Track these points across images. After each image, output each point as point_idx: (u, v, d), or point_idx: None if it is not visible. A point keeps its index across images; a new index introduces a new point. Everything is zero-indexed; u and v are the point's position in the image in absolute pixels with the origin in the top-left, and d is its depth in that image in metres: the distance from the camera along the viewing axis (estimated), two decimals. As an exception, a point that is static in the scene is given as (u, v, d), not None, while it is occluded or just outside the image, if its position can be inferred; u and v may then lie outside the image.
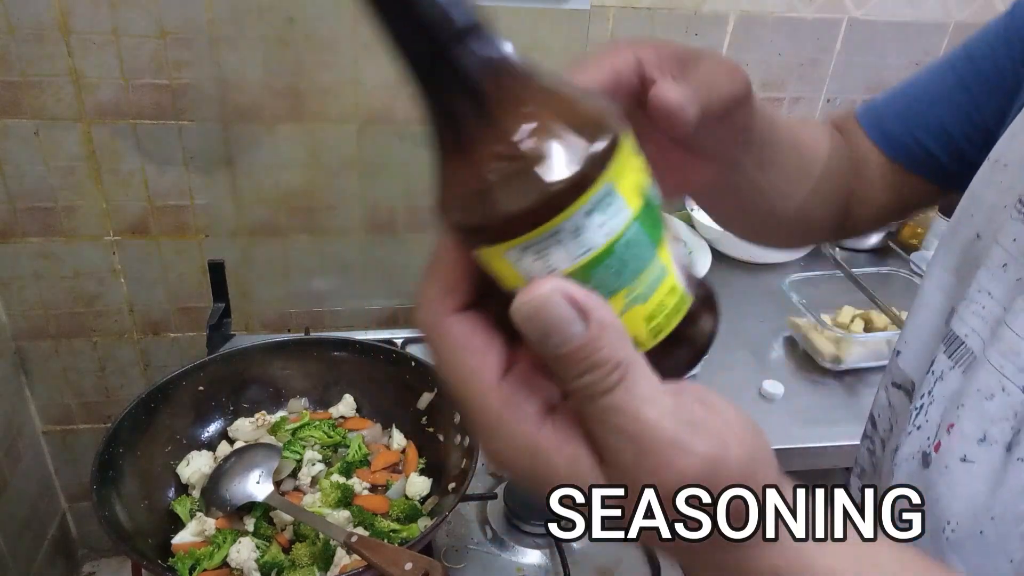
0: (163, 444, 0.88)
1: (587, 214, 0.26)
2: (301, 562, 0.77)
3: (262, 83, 1.31)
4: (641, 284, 0.28)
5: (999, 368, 0.47)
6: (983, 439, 0.47)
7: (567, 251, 0.26)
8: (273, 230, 1.45)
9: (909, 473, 0.52)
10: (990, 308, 0.49)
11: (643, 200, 0.28)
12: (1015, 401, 0.46)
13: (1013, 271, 0.47)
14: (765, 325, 1.33)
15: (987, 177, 0.51)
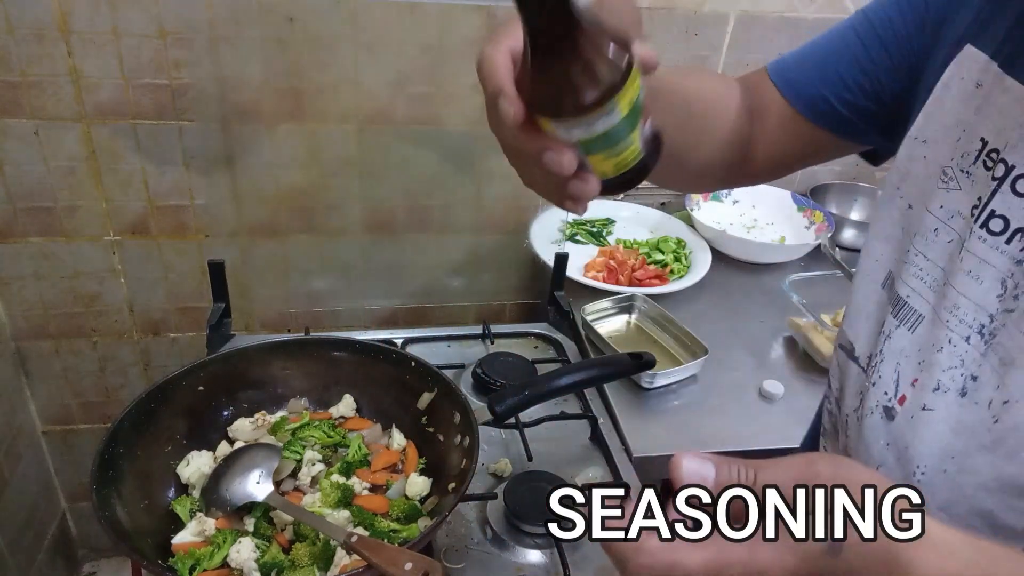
0: (163, 444, 0.88)
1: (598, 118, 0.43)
2: (301, 562, 0.77)
3: (262, 83, 1.31)
4: (616, 149, 0.47)
5: (945, 323, 0.52)
6: (937, 388, 0.52)
7: (582, 131, 0.44)
8: (273, 230, 1.45)
9: (873, 426, 0.58)
10: (927, 269, 0.54)
11: (631, 107, 0.45)
12: (961, 351, 0.51)
13: (944, 234, 0.53)
14: (765, 325, 1.33)
15: (910, 152, 0.56)
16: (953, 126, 0.53)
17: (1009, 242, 0.48)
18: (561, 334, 1.27)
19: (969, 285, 0.50)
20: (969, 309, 0.51)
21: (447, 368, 1.12)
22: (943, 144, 0.54)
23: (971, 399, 0.50)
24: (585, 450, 1.04)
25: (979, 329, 0.50)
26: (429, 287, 1.58)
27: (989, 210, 0.49)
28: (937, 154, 0.54)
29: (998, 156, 0.50)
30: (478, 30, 1.34)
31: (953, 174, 0.53)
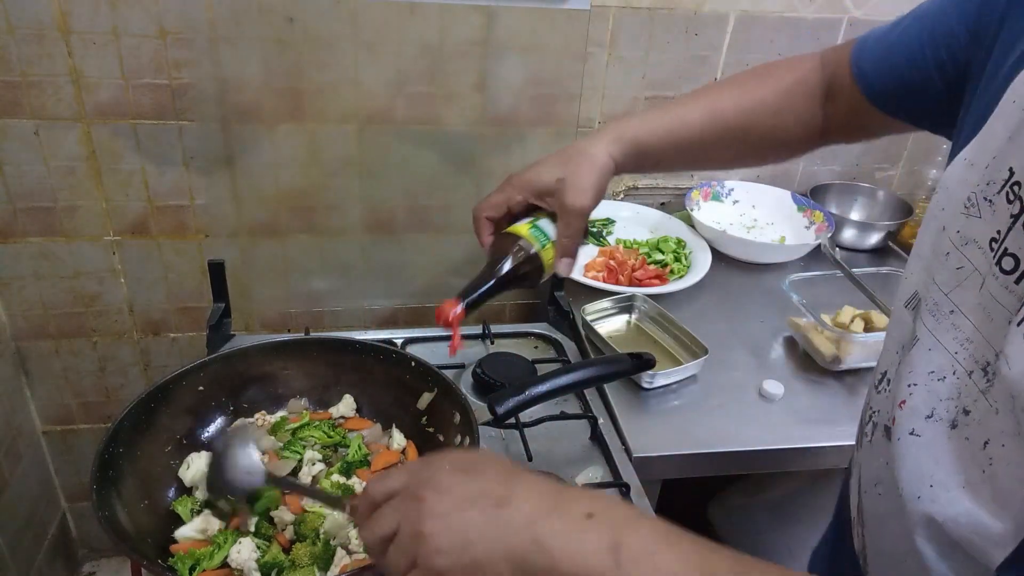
0: (163, 444, 0.88)
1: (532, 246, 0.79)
2: (301, 562, 0.77)
3: (262, 83, 1.31)
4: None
5: (953, 354, 0.51)
6: (930, 415, 0.52)
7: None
8: (273, 230, 1.45)
9: (877, 443, 0.59)
10: (933, 293, 0.54)
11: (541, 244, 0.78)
12: (961, 384, 0.50)
13: (954, 260, 0.52)
14: (765, 325, 1.33)
15: (960, 175, 0.54)
16: (989, 150, 0.52)
17: (1019, 282, 0.46)
18: (561, 334, 1.27)
19: (985, 322, 0.49)
20: (980, 345, 0.49)
21: (447, 368, 1.12)
22: (977, 168, 0.52)
23: (960, 433, 0.49)
24: (585, 450, 1.04)
25: (984, 366, 0.49)
26: (429, 287, 1.58)
27: (1003, 247, 0.48)
28: (970, 177, 0.53)
29: (1019, 189, 0.48)
30: (478, 30, 1.34)
31: (976, 201, 0.51)
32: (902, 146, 1.73)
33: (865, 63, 0.73)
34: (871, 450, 0.60)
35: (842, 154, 1.71)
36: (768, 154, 0.87)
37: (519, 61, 1.38)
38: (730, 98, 0.80)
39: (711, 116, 0.80)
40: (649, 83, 1.52)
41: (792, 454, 1.08)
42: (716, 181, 1.65)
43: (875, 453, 0.59)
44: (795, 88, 0.80)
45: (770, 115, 0.80)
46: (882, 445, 0.58)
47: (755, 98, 0.80)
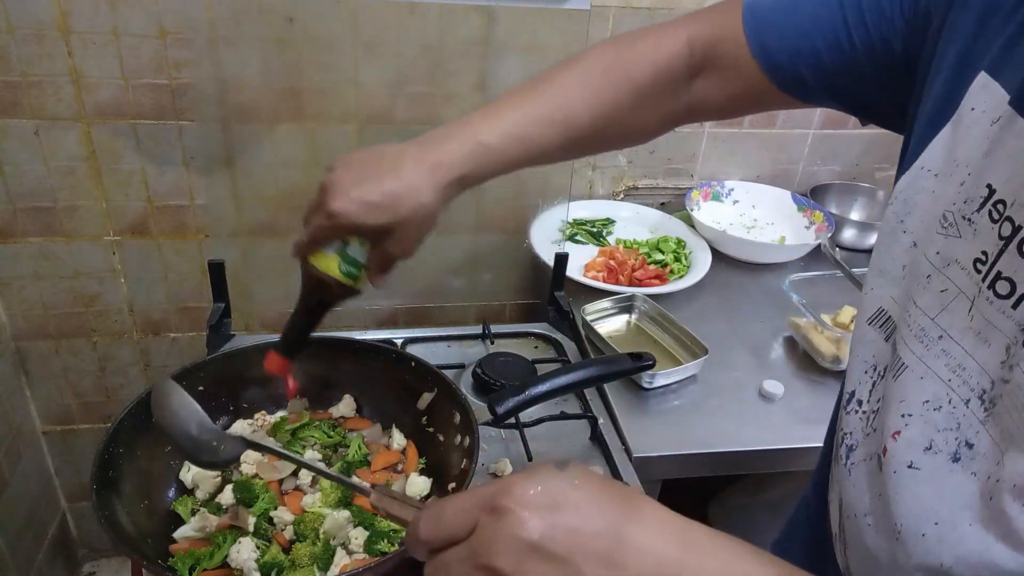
0: (163, 444, 0.88)
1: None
2: (301, 562, 0.77)
3: (262, 83, 1.31)
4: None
5: (947, 381, 0.48)
6: (929, 448, 0.49)
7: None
8: (273, 230, 1.45)
9: (869, 472, 0.55)
10: (916, 317, 0.51)
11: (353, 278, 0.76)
12: (959, 413, 0.47)
13: (937, 282, 0.49)
14: (765, 325, 1.33)
15: (917, 183, 0.52)
16: (962, 164, 0.48)
17: (1016, 307, 0.44)
18: (561, 334, 1.27)
19: (978, 347, 0.46)
20: (974, 372, 0.47)
21: (447, 368, 1.12)
22: (949, 183, 0.49)
23: (965, 467, 0.47)
24: (585, 450, 1.04)
25: (980, 394, 0.46)
26: (429, 287, 1.58)
27: (996, 271, 0.45)
28: (943, 192, 0.50)
29: (1004, 210, 0.45)
30: (478, 30, 1.34)
31: (954, 219, 0.48)
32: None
33: (769, 37, 0.64)
34: (852, 476, 0.57)
35: (842, 154, 1.71)
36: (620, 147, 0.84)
37: (519, 61, 1.38)
38: (583, 103, 0.72)
39: (564, 128, 0.72)
40: (649, 83, 1.51)
41: (792, 454, 1.08)
42: (716, 181, 1.65)
43: (859, 481, 0.56)
44: (656, 82, 0.71)
45: (627, 116, 0.73)
46: (872, 475, 0.54)
47: (611, 102, 0.72)
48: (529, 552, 0.38)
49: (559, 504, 0.39)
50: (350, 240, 0.73)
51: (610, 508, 0.40)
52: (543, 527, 0.38)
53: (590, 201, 1.62)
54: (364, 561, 0.78)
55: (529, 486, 0.40)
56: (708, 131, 1.61)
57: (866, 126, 0.70)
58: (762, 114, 1.61)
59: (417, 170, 0.68)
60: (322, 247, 0.73)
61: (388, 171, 0.68)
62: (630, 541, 0.39)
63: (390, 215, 0.68)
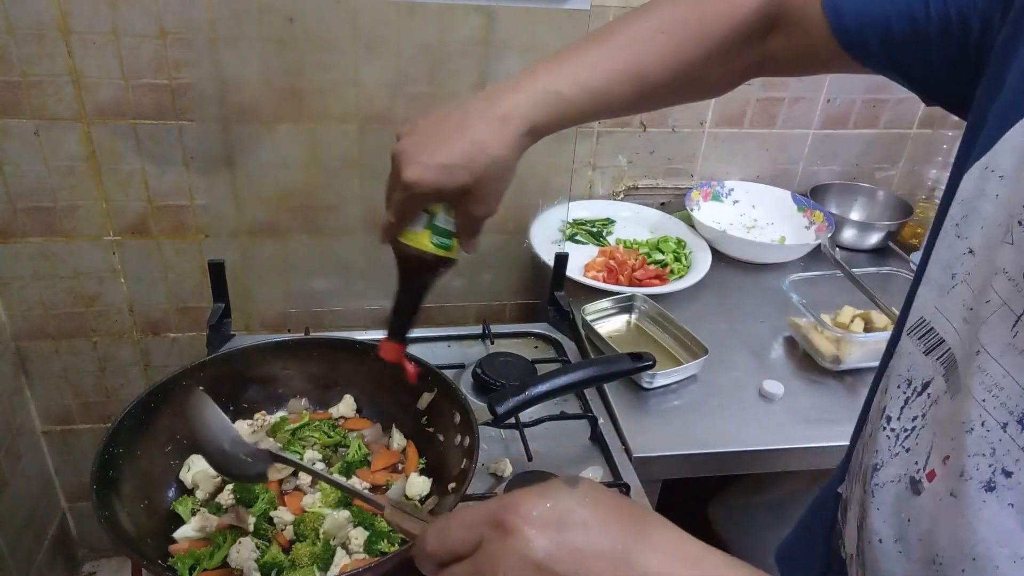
0: (163, 444, 0.88)
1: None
2: (301, 562, 0.77)
3: (262, 83, 1.31)
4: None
5: (981, 401, 0.44)
6: (961, 475, 0.45)
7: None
8: (273, 230, 1.45)
9: (898, 495, 0.51)
10: (961, 330, 0.47)
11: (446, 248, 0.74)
12: (994, 438, 0.44)
13: (984, 294, 0.46)
14: (765, 325, 1.33)
15: (980, 185, 0.48)
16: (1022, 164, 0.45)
17: None
18: (561, 334, 1.27)
19: (1020, 367, 0.42)
20: (1014, 393, 0.42)
21: (447, 368, 1.12)
22: (1018, 188, 0.45)
23: (1002, 498, 0.43)
24: (585, 450, 1.04)
25: (1020, 418, 0.42)
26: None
27: None
28: (1009, 197, 0.45)
29: None
30: (478, 30, 1.34)
31: (1011, 225, 0.44)
32: (902, 146, 1.73)
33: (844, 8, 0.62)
34: (876, 498, 0.53)
35: (842, 154, 1.71)
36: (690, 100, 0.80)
37: (519, 61, 1.38)
38: (656, 57, 0.70)
39: (637, 81, 0.70)
40: (649, 83, 1.51)
41: (792, 454, 1.08)
42: (716, 181, 1.65)
43: (886, 504, 0.52)
44: (730, 38, 0.70)
45: (699, 73, 0.71)
46: (902, 499, 0.51)
47: (686, 56, 0.70)
48: (534, 571, 0.37)
49: (566, 523, 0.38)
50: (435, 211, 0.71)
51: (620, 529, 0.39)
52: (549, 546, 0.37)
53: (590, 201, 1.62)
54: (364, 561, 0.78)
55: (537, 503, 0.39)
56: (708, 131, 1.61)
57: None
58: (762, 114, 1.61)
59: (486, 125, 0.66)
60: (409, 224, 0.72)
61: (456, 131, 0.66)
62: (639, 565, 0.37)
63: (466, 175, 0.66)
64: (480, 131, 0.66)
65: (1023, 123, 0.45)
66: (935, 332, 0.50)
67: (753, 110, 1.60)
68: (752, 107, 1.60)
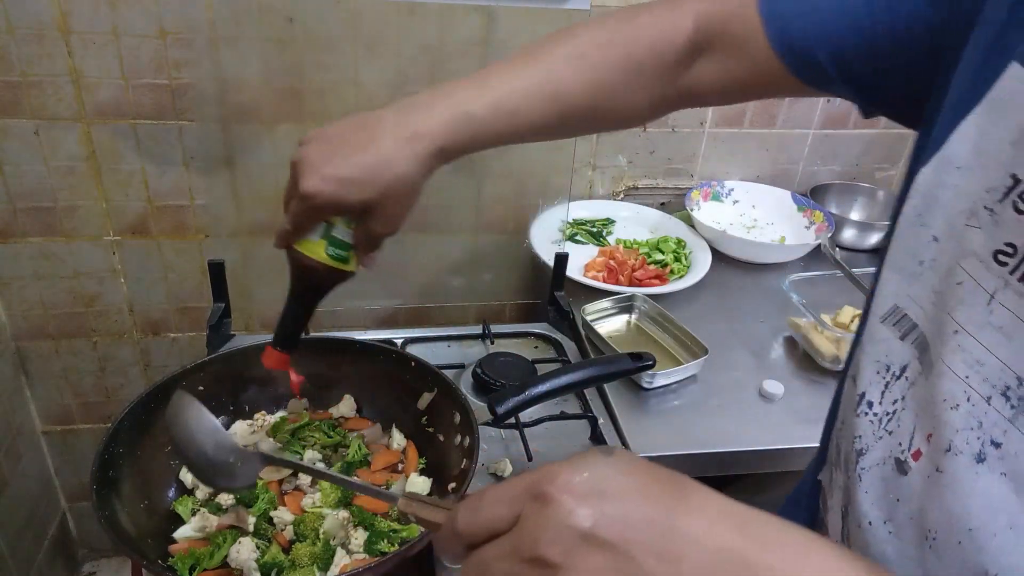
0: (163, 444, 0.88)
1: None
2: (301, 562, 0.77)
3: (262, 83, 1.31)
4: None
5: (964, 378, 0.46)
6: (948, 449, 0.46)
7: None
8: (273, 230, 1.44)
9: (884, 477, 0.52)
10: (931, 313, 0.48)
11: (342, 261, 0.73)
12: (980, 411, 0.45)
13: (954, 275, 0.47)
14: (765, 325, 1.33)
15: (940, 177, 0.49)
16: (987, 155, 0.46)
17: None
18: (561, 334, 1.27)
19: (999, 342, 0.44)
20: (995, 368, 0.44)
21: (447, 368, 1.12)
22: (974, 176, 0.47)
23: (993, 468, 0.44)
24: (585, 450, 1.04)
25: (1003, 391, 0.44)
26: (429, 287, 1.58)
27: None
28: (968, 185, 0.47)
29: None
30: (478, 30, 1.34)
31: (976, 210, 0.46)
32: (902, 146, 1.73)
33: (788, 20, 0.60)
34: (864, 482, 0.54)
35: (842, 154, 1.71)
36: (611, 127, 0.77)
37: (519, 61, 1.38)
38: (575, 77, 0.68)
39: (553, 102, 0.68)
40: (649, 83, 1.51)
41: (792, 454, 1.08)
42: (716, 181, 1.65)
43: (874, 487, 0.53)
44: (653, 55, 0.67)
45: (620, 94, 0.69)
46: (889, 480, 0.52)
47: (604, 78, 0.68)
48: (580, 542, 0.36)
49: (607, 491, 0.37)
50: (334, 221, 0.70)
51: (660, 495, 0.38)
52: (592, 514, 0.36)
53: (590, 201, 1.62)
54: (364, 561, 0.78)
55: (575, 473, 0.37)
56: (708, 131, 1.61)
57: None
58: (762, 114, 1.61)
59: (394, 141, 0.65)
60: (306, 233, 0.70)
61: (363, 143, 0.65)
62: (683, 531, 0.37)
63: (368, 191, 0.65)
64: (388, 147, 0.64)
65: (974, 114, 0.46)
66: (908, 318, 0.52)
67: (753, 110, 1.60)
68: (752, 107, 1.60)
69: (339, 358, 0.99)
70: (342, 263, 0.72)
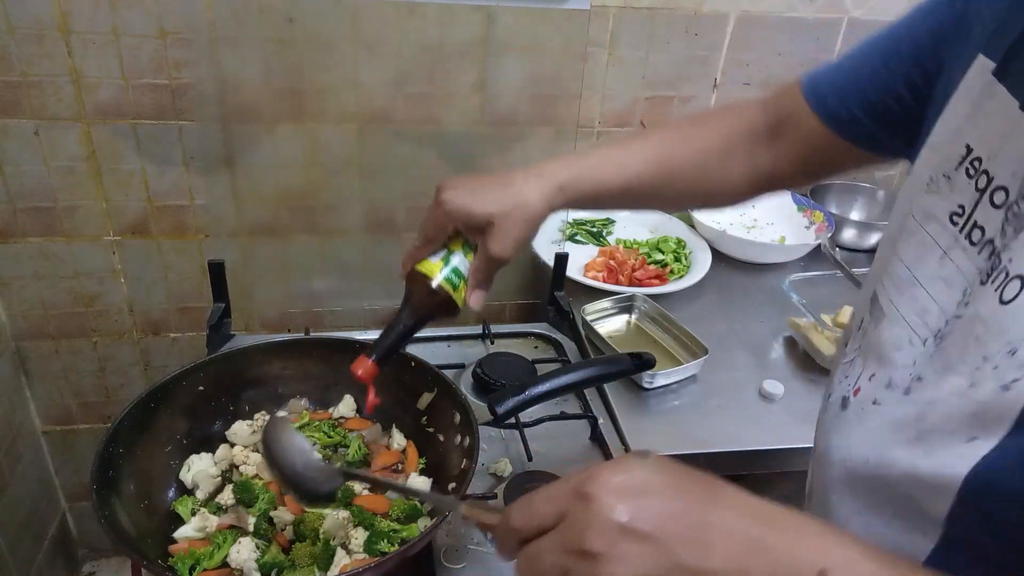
0: (163, 444, 0.88)
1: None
2: (301, 562, 0.77)
3: (262, 83, 1.31)
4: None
5: (910, 324, 0.53)
6: (889, 385, 0.53)
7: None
8: (273, 230, 1.45)
9: (834, 416, 0.60)
10: (897, 268, 0.56)
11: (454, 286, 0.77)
12: (916, 351, 0.52)
13: (918, 235, 0.54)
14: (765, 325, 1.33)
15: (924, 159, 0.56)
16: (951, 131, 0.53)
17: (980, 252, 0.49)
18: (561, 334, 1.27)
19: (942, 292, 0.51)
20: (935, 314, 0.51)
21: (447, 368, 1.12)
22: (942, 150, 0.54)
23: (912, 398, 0.51)
24: (585, 450, 1.04)
25: (936, 332, 0.51)
26: (429, 287, 1.58)
27: (972, 220, 0.50)
28: (931, 158, 0.55)
29: (980, 166, 0.50)
30: (478, 30, 1.34)
31: (936, 178, 0.53)
32: (902, 146, 1.73)
33: (823, 89, 0.71)
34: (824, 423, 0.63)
35: (842, 154, 1.71)
36: (712, 200, 0.86)
37: (519, 61, 1.38)
38: (674, 145, 0.79)
39: (657, 163, 0.78)
40: (649, 83, 1.52)
41: (792, 454, 1.08)
42: (716, 181, 1.65)
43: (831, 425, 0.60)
44: (740, 132, 0.78)
45: (716, 160, 0.78)
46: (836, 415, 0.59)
47: (700, 145, 0.79)
48: (621, 533, 0.40)
49: (644, 489, 0.42)
50: (454, 249, 0.77)
51: (693, 492, 0.43)
52: (632, 509, 0.40)
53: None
54: (364, 561, 0.78)
55: (614, 473, 0.42)
56: (708, 131, 1.61)
57: None
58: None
59: (523, 177, 0.76)
60: (429, 253, 0.78)
61: (497, 178, 0.76)
62: (714, 523, 0.41)
63: (494, 205, 0.73)
64: (517, 179, 0.75)
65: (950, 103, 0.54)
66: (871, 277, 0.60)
67: (753, 110, 1.60)
68: (752, 107, 1.60)
69: (339, 358, 0.99)
70: (452, 288, 0.77)
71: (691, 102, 1.55)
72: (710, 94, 1.55)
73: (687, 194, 0.82)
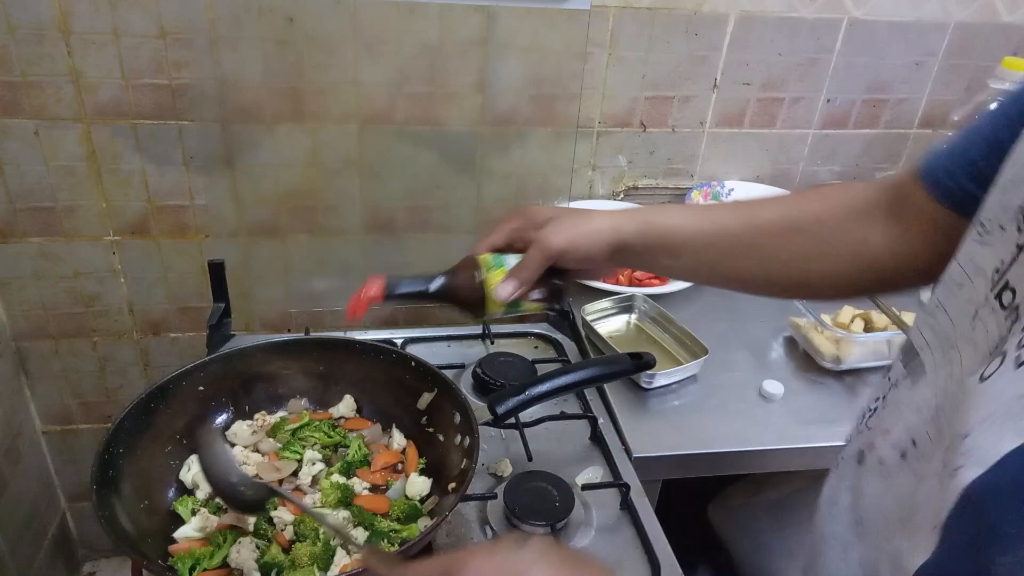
0: (163, 444, 0.88)
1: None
2: (301, 562, 0.77)
3: (262, 83, 1.31)
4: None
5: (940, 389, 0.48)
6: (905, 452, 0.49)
7: None
8: (273, 230, 1.45)
9: (851, 469, 0.57)
10: (943, 323, 0.50)
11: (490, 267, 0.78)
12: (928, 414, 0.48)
13: (967, 290, 0.48)
14: (765, 325, 1.33)
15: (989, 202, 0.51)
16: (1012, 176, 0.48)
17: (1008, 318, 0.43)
18: (561, 334, 1.27)
19: (970, 357, 0.46)
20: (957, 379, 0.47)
21: (447, 368, 1.12)
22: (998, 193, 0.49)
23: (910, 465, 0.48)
24: (585, 450, 1.04)
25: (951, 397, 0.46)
26: (429, 287, 1.58)
27: (1004, 280, 0.44)
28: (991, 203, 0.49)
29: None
30: (478, 30, 1.34)
31: (991, 227, 0.47)
32: (902, 146, 1.73)
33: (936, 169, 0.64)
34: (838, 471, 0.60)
35: (842, 154, 1.71)
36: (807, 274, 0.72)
37: (519, 61, 1.38)
38: (772, 208, 0.72)
39: (749, 219, 0.71)
40: (649, 83, 1.52)
41: (792, 454, 1.08)
42: (716, 181, 1.65)
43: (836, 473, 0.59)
44: (847, 205, 0.69)
45: (814, 228, 0.70)
46: (853, 469, 0.57)
47: (799, 208, 0.71)
48: None
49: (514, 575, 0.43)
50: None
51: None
52: None
53: (590, 201, 1.62)
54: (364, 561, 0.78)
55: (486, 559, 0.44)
56: (708, 131, 1.61)
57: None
58: (762, 114, 1.61)
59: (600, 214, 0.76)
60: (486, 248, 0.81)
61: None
62: None
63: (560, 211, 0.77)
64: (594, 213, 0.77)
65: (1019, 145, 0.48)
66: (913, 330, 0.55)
67: (753, 110, 1.60)
68: (752, 107, 1.60)
69: (339, 358, 0.99)
70: (487, 268, 0.78)
71: (691, 102, 1.55)
72: (710, 94, 1.55)
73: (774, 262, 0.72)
